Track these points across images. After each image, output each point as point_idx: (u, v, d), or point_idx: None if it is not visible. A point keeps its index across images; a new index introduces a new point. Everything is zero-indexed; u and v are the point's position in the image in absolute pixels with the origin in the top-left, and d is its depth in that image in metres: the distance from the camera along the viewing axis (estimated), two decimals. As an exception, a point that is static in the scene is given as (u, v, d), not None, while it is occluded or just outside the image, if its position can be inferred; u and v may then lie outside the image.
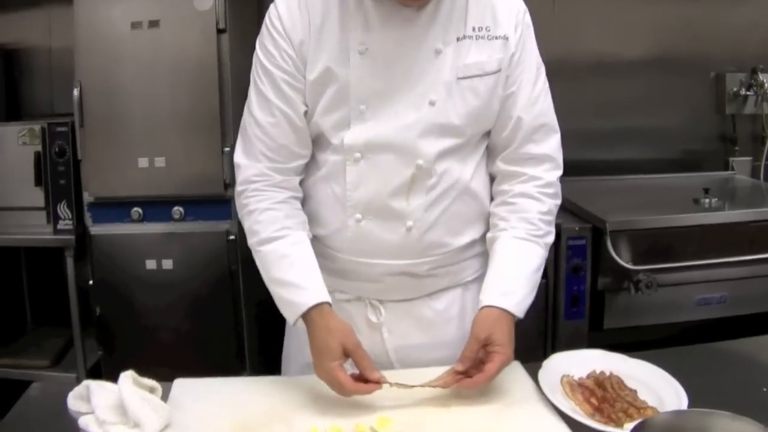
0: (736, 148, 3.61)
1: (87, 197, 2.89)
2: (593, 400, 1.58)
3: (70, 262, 2.94)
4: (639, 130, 3.55)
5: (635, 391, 1.60)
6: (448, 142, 1.68)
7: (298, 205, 1.76)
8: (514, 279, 1.68)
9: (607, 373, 1.66)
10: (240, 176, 1.74)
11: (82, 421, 1.53)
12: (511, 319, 1.66)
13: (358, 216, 1.70)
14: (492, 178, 1.81)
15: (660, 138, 3.58)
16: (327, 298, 1.64)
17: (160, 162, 2.77)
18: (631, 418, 1.52)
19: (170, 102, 2.76)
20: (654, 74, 3.53)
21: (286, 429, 1.49)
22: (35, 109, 3.47)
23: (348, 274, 1.77)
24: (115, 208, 2.87)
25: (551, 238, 1.79)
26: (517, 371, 1.72)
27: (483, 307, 1.65)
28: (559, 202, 1.81)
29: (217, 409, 1.57)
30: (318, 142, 1.73)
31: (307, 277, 1.66)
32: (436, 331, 1.81)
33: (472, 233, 1.78)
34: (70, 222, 2.96)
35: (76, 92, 2.78)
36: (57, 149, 2.94)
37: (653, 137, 3.57)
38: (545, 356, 2.53)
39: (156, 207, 2.83)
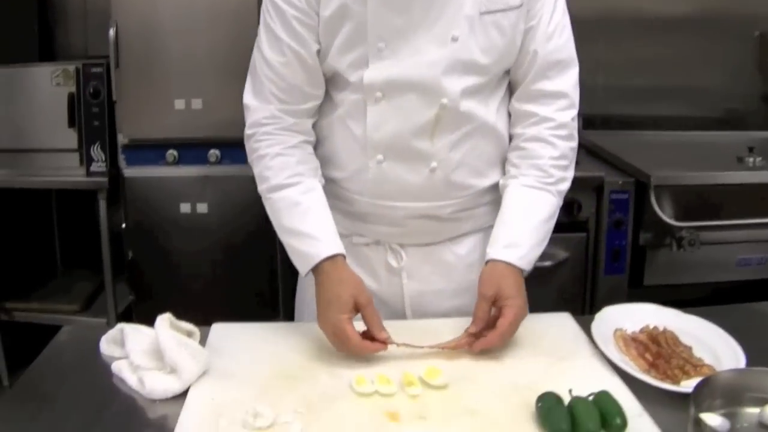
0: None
1: (121, 139, 2.82)
2: (648, 356, 1.48)
3: (102, 205, 2.87)
4: (680, 87, 3.42)
5: (690, 348, 1.51)
6: (472, 80, 1.57)
7: (311, 149, 1.67)
8: (519, 231, 1.59)
9: (661, 329, 1.56)
10: (249, 118, 1.64)
11: (115, 367, 1.46)
12: (518, 272, 1.57)
13: (380, 157, 1.60)
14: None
15: (701, 96, 3.45)
16: (341, 249, 1.56)
17: (197, 104, 2.69)
18: (687, 375, 1.42)
19: (208, 42, 2.67)
20: (697, 32, 3.40)
21: (331, 377, 1.42)
22: (69, 52, 3.38)
23: (367, 217, 1.68)
24: (150, 150, 2.79)
25: (565, 185, 1.68)
26: (567, 324, 1.63)
27: (488, 261, 1.57)
28: (575, 144, 1.68)
29: (257, 355, 1.50)
30: (334, 81, 1.63)
31: (320, 227, 1.57)
32: (456, 277, 1.72)
33: (495, 175, 1.69)
34: (104, 164, 2.88)
35: (112, 32, 2.69)
36: (91, 90, 2.87)
37: (695, 95, 3.44)
38: (584, 311, 2.46)
39: (191, 150, 2.76)
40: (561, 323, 1.64)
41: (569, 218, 2.69)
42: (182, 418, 1.30)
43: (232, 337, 1.57)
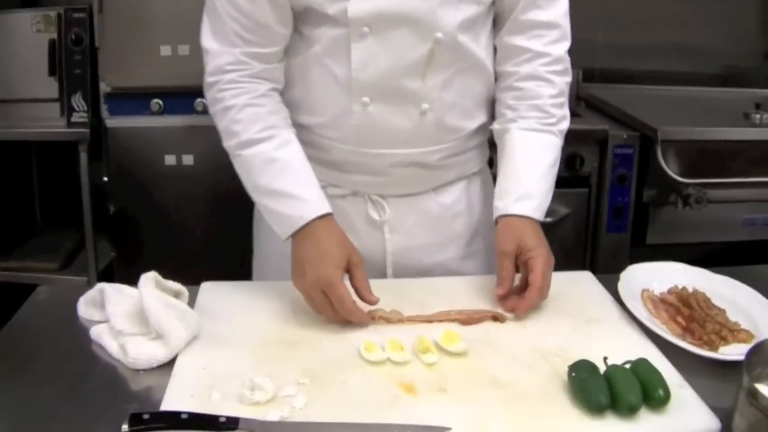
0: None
1: (104, 88, 2.62)
2: (680, 320, 1.33)
3: (83, 157, 2.67)
4: (681, 44, 3.23)
5: (724, 311, 1.35)
6: (469, 11, 1.41)
7: (279, 97, 1.47)
8: (529, 180, 1.45)
9: (690, 289, 1.41)
10: (210, 64, 1.42)
11: (94, 332, 1.29)
12: (535, 222, 1.44)
13: (366, 100, 1.41)
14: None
15: (702, 53, 3.27)
16: (329, 208, 1.39)
17: (183, 50, 2.49)
18: (725, 341, 1.28)
19: (196, -16, 2.44)
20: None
21: (336, 343, 1.26)
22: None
23: (346, 166, 1.50)
24: (134, 99, 2.59)
25: (566, 124, 1.54)
26: (589, 283, 1.48)
27: (500, 217, 1.44)
28: (569, 79, 1.54)
29: (253, 317, 1.33)
30: (306, 16, 1.41)
31: (304, 186, 1.39)
32: (442, 228, 1.57)
33: (482, 116, 1.54)
34: (85, 114, 2.68)
35: (94, -25, 2.48)
36: (73, 37, 2.66)
37: (695, 52, 3.26)
38: (585, 269, 2.31)
39: (177, 98, 2.56)
40: (582, 282, 1.48)
41: (571, 173, 2.55)
42: (169, 391, 1.13)
43: (223, 297, 1.40)
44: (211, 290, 1.42)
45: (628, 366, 1.13)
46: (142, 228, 2.66)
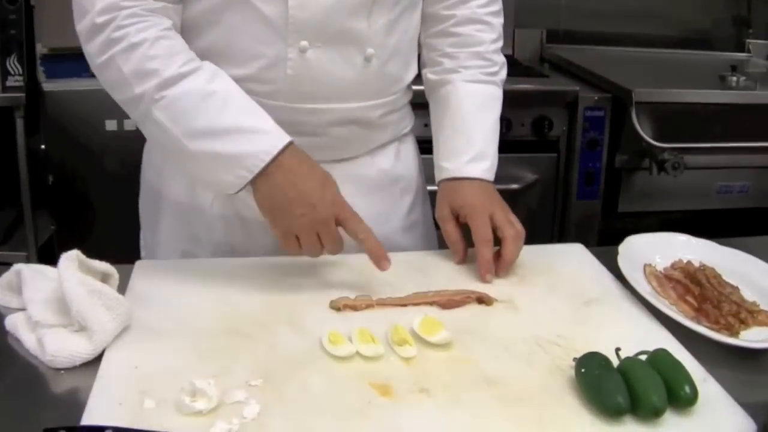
0: (751, 30, 3.07)
1: (40, 49, 2.37)
2: (690, 299, 1.12)
3: (20, 124, 2.37)
4: (651, 8, 2.98)
5: (737, 289, 1.14)
6: None
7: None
8: (482, 138, 1.29)
9: (696, 264, 1.20)
10: (99, 3, 1.09)
11: (10, 322, 1.03)
12: (484, 183, 1.27)
13: (304, 44, 1.16)
14: None
15: (672, 15, 3.02)
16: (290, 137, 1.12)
17: (122, 6, 2.19)
18: (745, 324, 1.07)
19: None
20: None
21: (294, 334, 1.01)
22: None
23: None
24: (73, 61, 2.25)
25: (505, 73, 1.37)
26: (582, 257, 1.26)
27: (445, 181, 1.28)
28: (502, 19, 1.38)
29: (196, 303, 1.08)
30: None
31: (256, 116, 1.11)
32: (381, 196, 1.36)
33: (414, 66, 1.34)
34: (21, 78, 2.37)
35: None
36: (7, -6, 2.36)
37: (666, 17, 3.02)
38: (552, 239, 2.12)
39: (118, 59, 2.26)
40: (574, 257, 1.26)
41: (539, 137, 2.32)
42: (93, 397, 0.88)
43: (162, 278, 1.15)
44: (147, 270, 1.18)
45: (644, 358, 0.91)
46: (82, 198, 2.37)
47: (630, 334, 1.00)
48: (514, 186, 2.33)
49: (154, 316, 1.04)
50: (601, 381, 0.86)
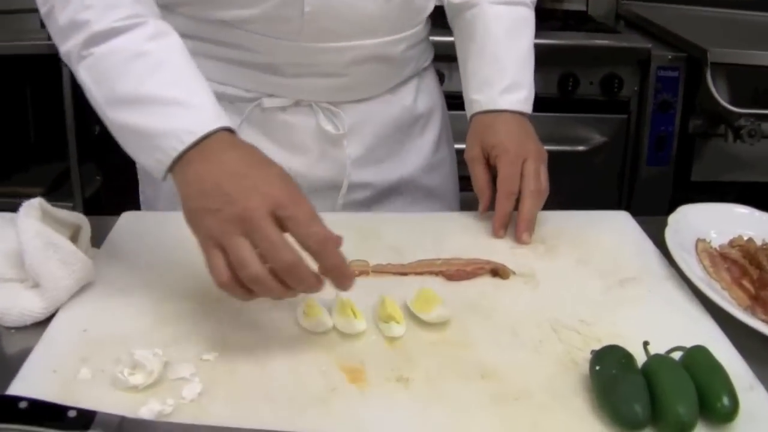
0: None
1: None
2: (746, 284, 0.91)
3: (66, 72, 2.26)
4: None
5: (808, 274, 0.93)
6: None
7: None
8: (515, 65, 1.12)
9: (759, 242, 0.98)
10: None
11: (-32, 273, 0.90)
12: (520, 118, 1.10)
13: None
14: None
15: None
16: (230, 122, 0.84)
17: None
18: (813, 317, 0.85)
19: None
20: None
21: (269, 302, 0.81)
22: None
23: (290, 69, 1.07)
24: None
25: None
26: (626, 228, 1.05)
27: (478, 114, 1.10)
28: None
29: (171, 260, 0.92)
30: None
31: (191, 88, 0.85)
32: (406, 134, 1.20)
33: None
34: (69, 24, 2.28)
35: None
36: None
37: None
38: (620, 206, 1.92)
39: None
40: (617, 226, 1.06)
41: (608, 96, 2.08)
42: (30, 360, 0.75)
43: (144, 232, 1.00)
44: (131, 222, 1.03)
45: (677, 355, 0.72)
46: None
47: (667, 324, 0.81)
48: (580, 148, 2.10)
49: (122, 273, 0.90)
50: (617, 383, 0.67)
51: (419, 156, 1.22)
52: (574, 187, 2.10)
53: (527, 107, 1.10)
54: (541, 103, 2.04)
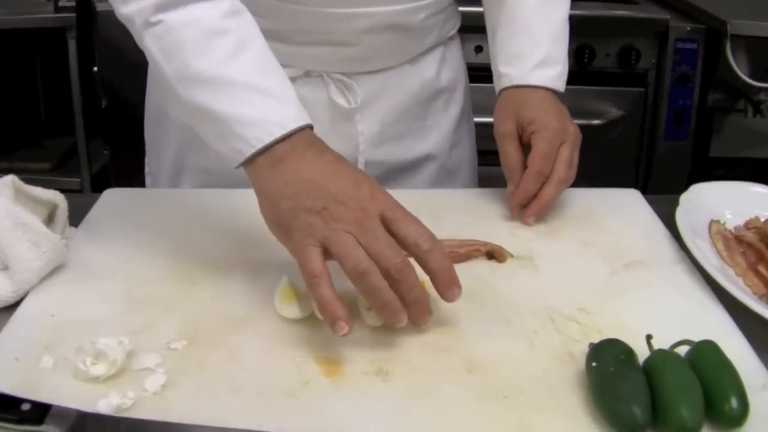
0: None
1: (92, -33, 2.13)
2: (763, 270, 0.83)
3: (72, 45, 2.20)
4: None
5: (831, 258, 0.85)
6: None
7: None
8: (549, 38, 1.00)
9: (778, 224, 0.90)
10: None
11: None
12: (552, 96, 0.99)
13: None
14: None
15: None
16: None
17: None
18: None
19: None
20: None
21: (248, 283, 0.78)
22: None
23: (300, 36, 0.98)
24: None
25: None
26: (636, 208, 0.97)
27: (507, 89, 1.00)
28: None
29: (152, 240, 0.86)
30: None
31: (275, 77, 0.79)
32: (427, 109, 1.09)
33: None
34: (73, -2, 2.21)
35: None
36: None
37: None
38: (637, 183, 1.84)
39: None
40: (626, 205, 0.98)
41: (625, 69, 1.99)
42: (-7, 348, 0.69)
43: (127, 210, 0.94)
44: (113, 201, 0.97)
45: (684, 351, 0.65)
46: (137, 123, 2.21)
47: (674, 314, 0.73)
48: (596, 121, 2.01)
49: (97, 255, 0.84)
50: (615, 382, 0.60)
51: (441, 133, 1.12)
52: (589, 162, 1.98)
53: (560, 85, 1.00)
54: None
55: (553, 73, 0.99)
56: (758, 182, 0.98)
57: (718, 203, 0.93)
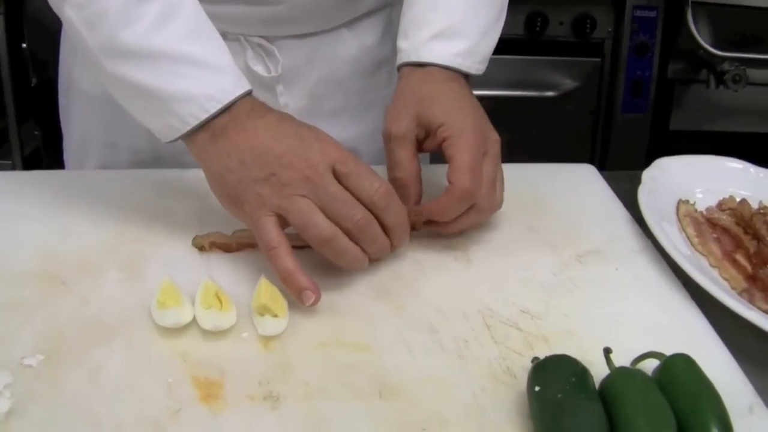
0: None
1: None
2: (741, 259, 0.68)
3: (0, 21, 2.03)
4: None
5: (815, 242, 0.71)
6: None
7: None
8: (457, 4, 0.76)
9: (755, 205, 0.76)
10: None
11: None
12: (459, 79, 0.75)
13: None
14: None
15: None
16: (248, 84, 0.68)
17: None
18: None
19: None
20: None
21: (123, 284, 0.62)
22: None
23: None
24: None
25: None
26: (592, 186, 0.81)
27: (404, 67, 0.76)
28: None
29: (31, 233, 0.69)
30: None
31: (210, 44, 0.69)
32: (366, 83, 0.91)
33: None
34: (-1, -32, 2.02)
35: None
36: None
37: None
38: (593, 158, 1.71)
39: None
40: (581, 183, 0.82)
41: (579, 38, 1.84)
42: None
43: (11, 197, 0.76)
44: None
45: (650, 367, 0.50)
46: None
47: (638, 318, 0.58)
48: (549, 93, 1.86)
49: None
50: (564, 412, 0.45)
51: (380, 111, 0.92)
52: (542, 136, 1.88)
53: (466, 63, 0.76)
54: (506, 44, 1.78)
55: (457, 48, 0.75)
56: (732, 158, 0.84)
57: (687, 180, 0.78)
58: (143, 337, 0.56)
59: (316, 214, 0.61)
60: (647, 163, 0.81)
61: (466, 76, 0.76)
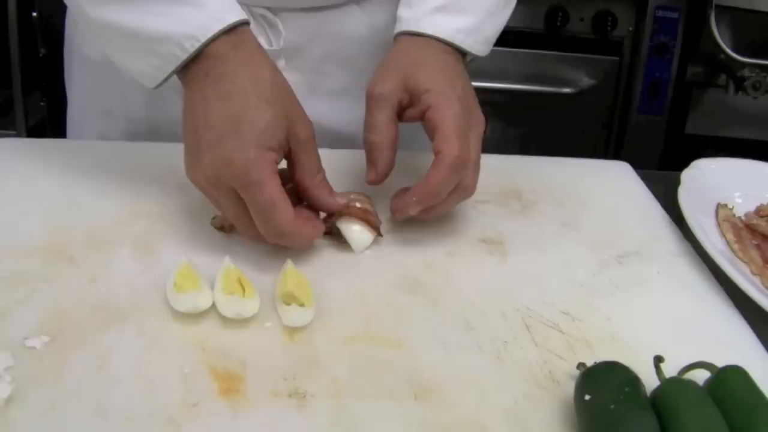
0: None
1: None
2: (783, 265, 0.65)
3: (11, -8, 1.98)
4: None
5: None
6: None
7: None
8: None
9: (797, 210, 0.73)
10: None
11: None
12: (455, 55, 0.71)
13: None
14: None
15: None
16: (244, 15, 0.63)
17: None
18: None
19: None
20: None
21: (138, 263, 0.58)
22: None
23: None
24: None
25: None
26: (629, 185, 0.78)
27: (401, 36, 0.72)
28: None
29: (36, 204, 0.66)
30: None
31: None
32: (369, 62, 0.79)
33: None
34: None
35: None
36: None
37: None
38: (606, 158, 1.67)
39: None
40: (615, 181, 0.78)
41: (599, 36, 1.81)
42: None
43: (14, 166, 0.73)
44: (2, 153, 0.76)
45: (702, 377, 0.46)
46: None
47: (684, 325, 0.55)
48: (566, 90, 1.82)
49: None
50: (619, 424, 0.41)
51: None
52: (556, 132, 1.84)
53: (467, 41, 0.72)
54: (525, 38, 1.73)
55: (460, 23, 0.71)
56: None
57: (726, 184, 0.74)
58: (157, 322, 0.53)
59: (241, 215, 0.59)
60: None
61: (464, 57, 0.72)
